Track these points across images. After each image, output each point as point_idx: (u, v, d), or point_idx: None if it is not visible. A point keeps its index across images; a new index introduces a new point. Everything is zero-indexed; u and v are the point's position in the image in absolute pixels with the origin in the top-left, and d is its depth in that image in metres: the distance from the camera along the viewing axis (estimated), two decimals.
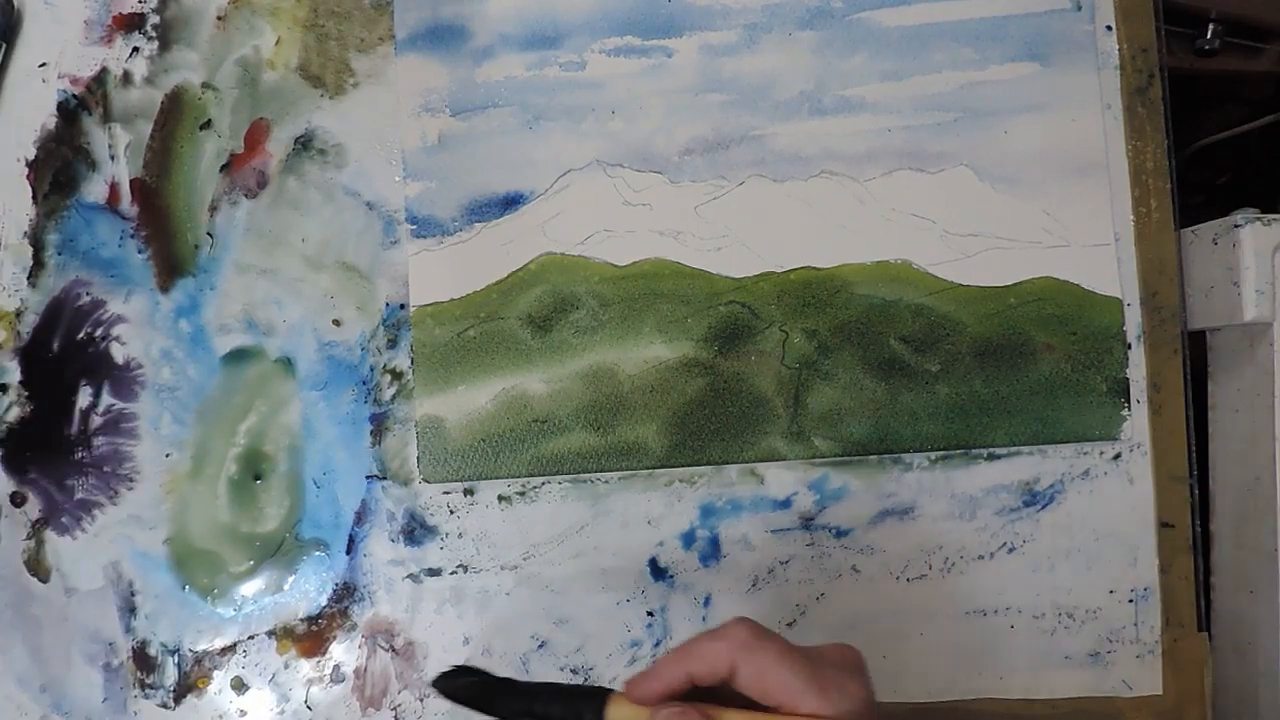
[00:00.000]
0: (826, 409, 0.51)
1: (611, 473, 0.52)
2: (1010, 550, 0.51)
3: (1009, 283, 0.52)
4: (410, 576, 0.52)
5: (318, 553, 0.52)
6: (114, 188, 0.53)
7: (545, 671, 0.51)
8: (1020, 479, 0.52)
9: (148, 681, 0.51)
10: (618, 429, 0.51)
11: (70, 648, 0.51)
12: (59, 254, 0.53)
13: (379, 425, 0.52)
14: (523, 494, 0.52)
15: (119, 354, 0.53)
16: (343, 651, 0.51)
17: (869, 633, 0.51)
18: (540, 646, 0.51)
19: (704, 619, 0.51)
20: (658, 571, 0.52)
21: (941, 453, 0.52)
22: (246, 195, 0.53)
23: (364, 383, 0.52)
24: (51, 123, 0.54)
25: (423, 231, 0.52)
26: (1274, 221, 0.51)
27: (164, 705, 0.51)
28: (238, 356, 0.52)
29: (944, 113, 0.53)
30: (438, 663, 0.51)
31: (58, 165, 0.53)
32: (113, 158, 0.53)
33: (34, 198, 0.53)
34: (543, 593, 0.51)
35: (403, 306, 0.52)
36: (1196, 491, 0.52)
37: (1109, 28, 0.53)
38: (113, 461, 0.52)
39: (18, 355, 0.52)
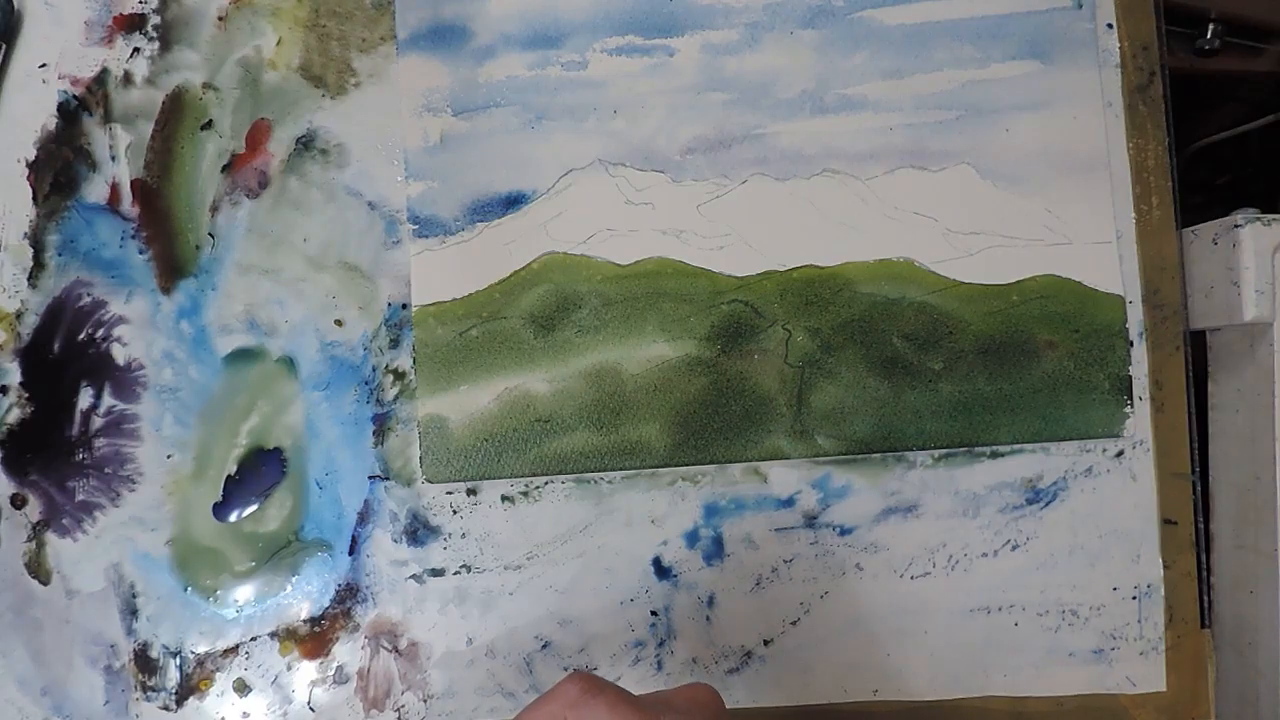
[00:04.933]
0: (830, 407, 0.51)
1: (615, 472, 0.52)
2: (1014, 548, 0.51)
3: (1011, 280, 0.52)
4: (413, 577, 0.51)
5: (320, 553, 0.51)
6: (115, 188, 0.53)
7: (549, 671, 0.51)
8: (1023, 476, 0.52)
9: (149, 684, 0.51)
10: (621, 428, 0.51)
11: (71, 650, 0.51)
12: (59, 255, 0.53)
13: (381, 425, 0.52)
14: (526, 494, 0.52)
15: (120, 355, 0.52)
16: (346, 653, 0.51)
17: (872, 631, 0.51)
18: (544, 647, 0.51)
19: (707, 618, 0.51)
20: (661, 571, 0.52)
21: (945, 450, 0.52)
22: (248, 195, 0.53)
23: (366, 383, 0.52)
24: (52, 123, 0.54)
25: (425, 231, 0.52)
26: (1274, 221, 0.51)
27: (166, 708, 0.51)
28: (239, 357, 0.52)
29: (946, 111, 0.53)
30: (441, 664, 0.51)
31: (58, 166, 0.53)
32: (113, 158, 0.53)
33: (34, 198, 0.53)
34: (546, 593, 0.51)
35: (405, 306, 0.52)
36: (1199, 488, 0.52)
37: (1110, 26, 0.53)
38: (114, 463, 0.52)
39: (18, 356, 0.52)
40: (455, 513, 0.52)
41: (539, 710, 0.33)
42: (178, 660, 0.51)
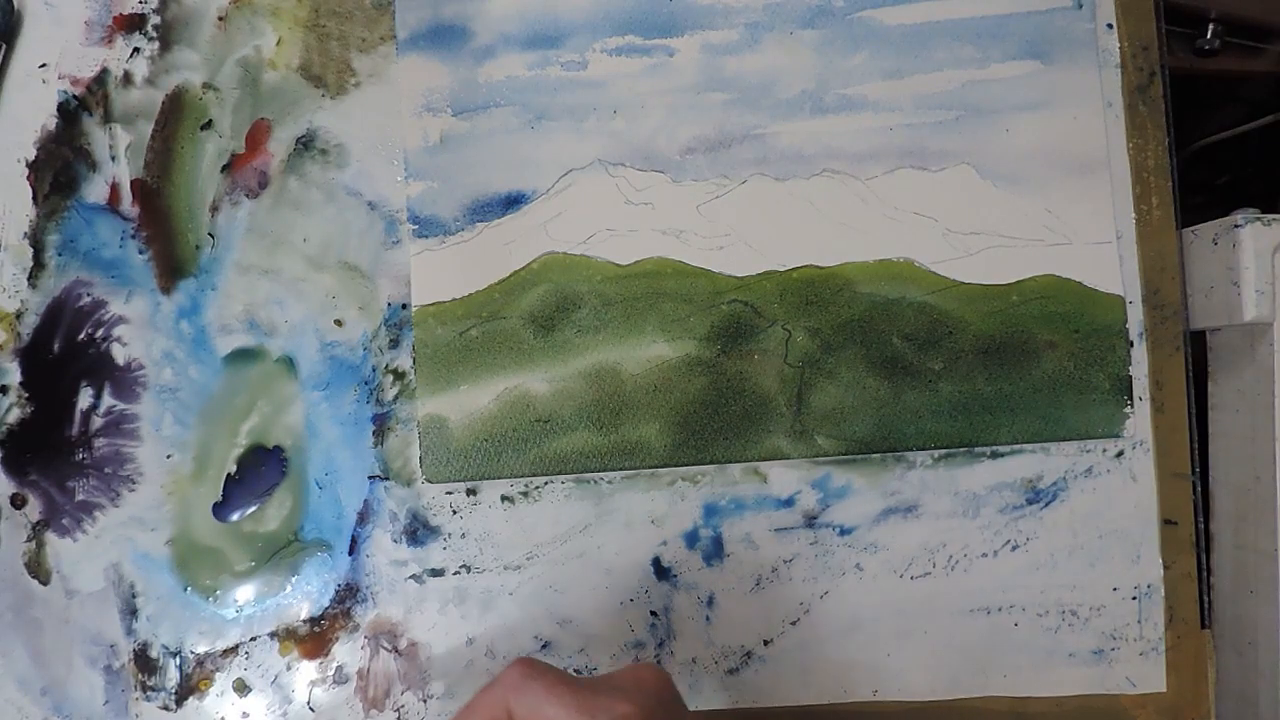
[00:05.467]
0: (829, 407, 0.51)
1: (614, 472, 0.52)
2: (1014, 548, 0.51)
3: (1011, 280, 0.52)
4: (413, 577, 0.51)
5: (320, 554, 0.51)
6: (115, 188, 0.53)
7: None
8: (1023, 477, 0.52)
9: (149, 684, 0.51)
10: (620, 428, 0.51)
11: (71, 650, 0.51)
12: (59, 255, 0.53)
13: (381, 425, 0.52)
14: (525, 494, 0.52)
15: (120, 355, 0.52)
16: (345, 653, 0.51)
17: (872, 631, 0.51)
18: (544, 647, 0.51)
19: (707, 618, 0.51)
20: (661, 571, 0.52)
21: (945, 451, 0.52)
22: (248, 195, 0.53)
23: (366, 383, 0.52)
24: (52, 123, 0.54)
25: (424, 231, 0.52)
26: (1274, 221, 0.51)
27: (166, 707, 0.51)
28: (239, 357, 0.52)
29: (945, 111, 0.53)
30: (441, 664, 0.51)
31: (58, 166, 0.53)
32: (113, 158, 0.53)
33: (34, 198, 0.53)
34: (546, 593, 0.51)
35: (405, 306, 0.52)
36: (1199, 489, 0.52)
37: (1110, 26, 0.53)
38: (114, 463, 0.52)
39: (18, 356, 0.52)
40: (455, 513, 0.52)
41: (483, 696, 0.35)
42: (177, 660, 0.51)
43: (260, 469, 0.52)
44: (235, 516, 0.51)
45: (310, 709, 0.51)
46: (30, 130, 0.53)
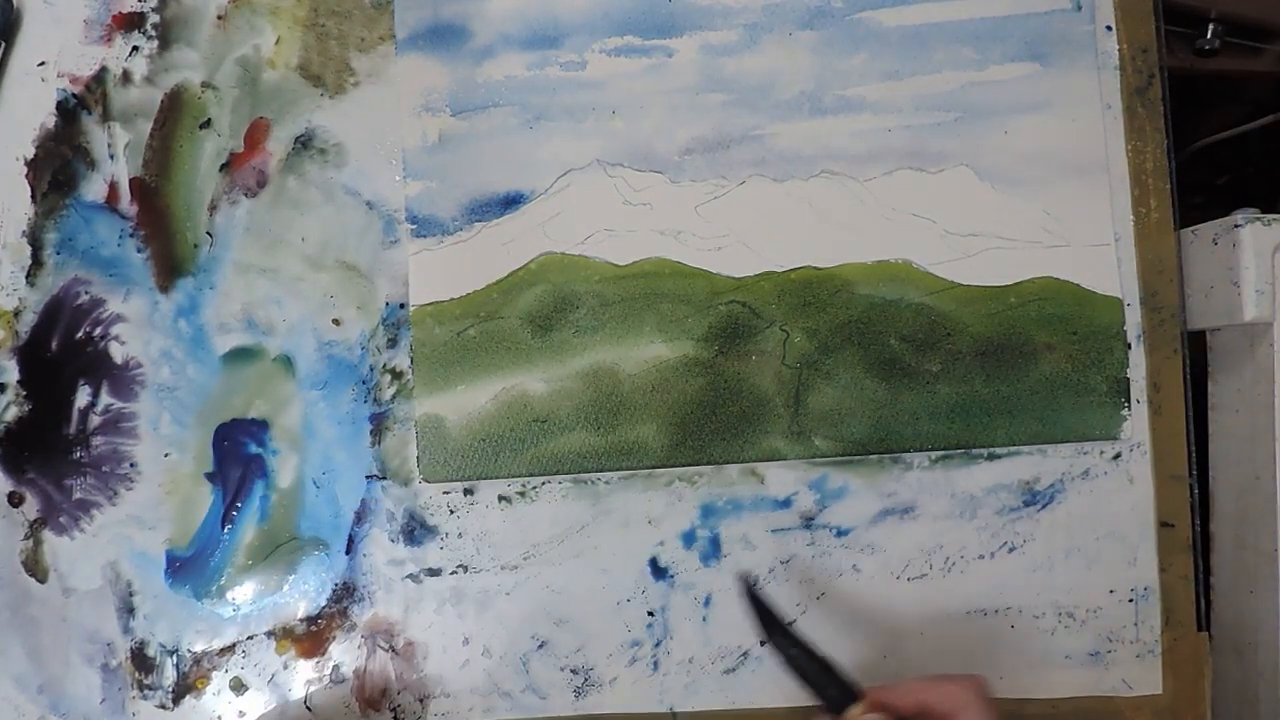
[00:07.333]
0: (827, 408, 0.51)
1: (612, 472, 0.52)
2: (1010, 550, 0.51)
3: (1009, 282, 0.52)
4: (410, 576, 0.51)
5: (317, 552, 0.51)
6: (113, 187, 0.53)
7: (545, 671, 0.51)
8: (1020, 478, 0.52)
9: (146, 682, 0.51)
10: (618, 428, 0.51)
11: (68, 648, 0.51)
12: (58, 253, 0.53)
13: (379, 425, 0.52)
14: (523, 494, 0.52)
15: (118, 353, 0.52)
16: (342, 652, 0.51)
17: (869, 632, 0.51)
18: (540, 646, 0.51)
19: (704, 618, 0.51)
20: (658, 571, 0.52)
21: (942, 452, 0.52)
22: (246, 194, 0.53)
23: (364, 382, 0.52)
24: (51, 122, 0.54)
25: (423, 231, 0.52)
26: (1274, 221, 0.51)
27: (162, 706, 0.51)
28: (237, 356, 0.52)
29: (944, 112, 0.53)
30: (437, 663, 0.51)
31: (57, 164, 0.53)
32: (112, 157, 0.53)
33: (33, 197, 0.53)
34: (543, 593, 0.51)
35: (402, 306, 0.52)
36: (1196, 491, 0.52)
37: (1109, 28, 0.53)
38: (111, 461, 0.52)
39: (16, 354, 0.52)
40: (452, 513, 0.52)
41: (949, 687, 0.40)
42: (174, 659, 0.51)
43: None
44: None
45: (307, 708, 0.51)
46: (29, 128, 0.53)
